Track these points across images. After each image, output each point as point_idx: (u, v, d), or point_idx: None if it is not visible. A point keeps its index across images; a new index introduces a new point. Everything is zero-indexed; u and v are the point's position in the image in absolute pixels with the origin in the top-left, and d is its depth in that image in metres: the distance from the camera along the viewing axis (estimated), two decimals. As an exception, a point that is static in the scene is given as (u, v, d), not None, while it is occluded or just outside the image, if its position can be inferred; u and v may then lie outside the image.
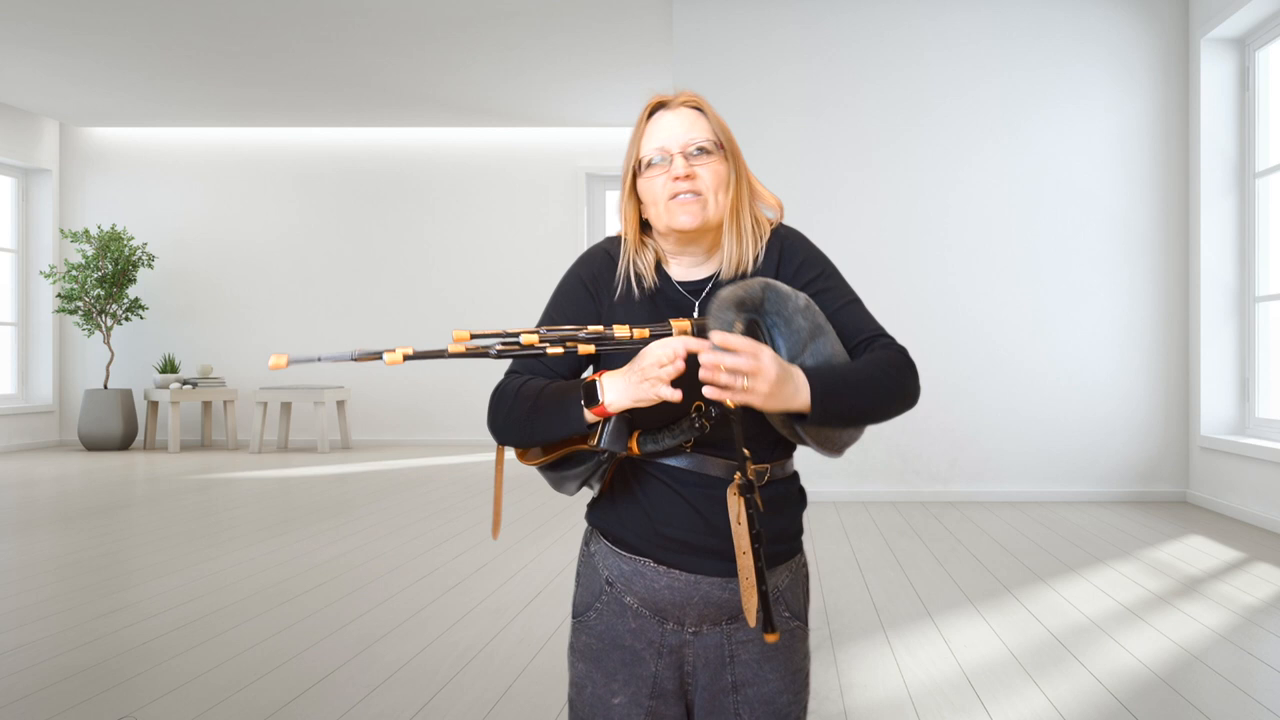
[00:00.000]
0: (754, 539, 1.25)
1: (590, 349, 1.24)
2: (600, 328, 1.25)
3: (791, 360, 1.29)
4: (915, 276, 6.08)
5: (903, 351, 1.38)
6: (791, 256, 1.42)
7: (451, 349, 1.20)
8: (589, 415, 1.26)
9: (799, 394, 1.24)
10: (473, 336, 1.21)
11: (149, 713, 2.54)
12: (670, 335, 1.26)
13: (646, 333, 1.26)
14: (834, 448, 1.35)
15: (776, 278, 1.40)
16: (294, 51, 7.41)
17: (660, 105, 1.41)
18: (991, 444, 6.04)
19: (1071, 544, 4.67)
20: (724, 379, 1.19)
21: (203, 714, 2.53)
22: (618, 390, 1.25)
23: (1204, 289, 5.77)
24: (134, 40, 7.17)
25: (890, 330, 1.52)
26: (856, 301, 1.42)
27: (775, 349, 1.29)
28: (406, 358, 1.18)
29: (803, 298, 1.32)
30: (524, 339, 1.22)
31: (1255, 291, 5.61)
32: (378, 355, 1.18)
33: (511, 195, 9.79)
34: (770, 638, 1.24)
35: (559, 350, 1.23)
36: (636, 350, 1.26)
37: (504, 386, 1.36)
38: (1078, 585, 3.87)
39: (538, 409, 1.31)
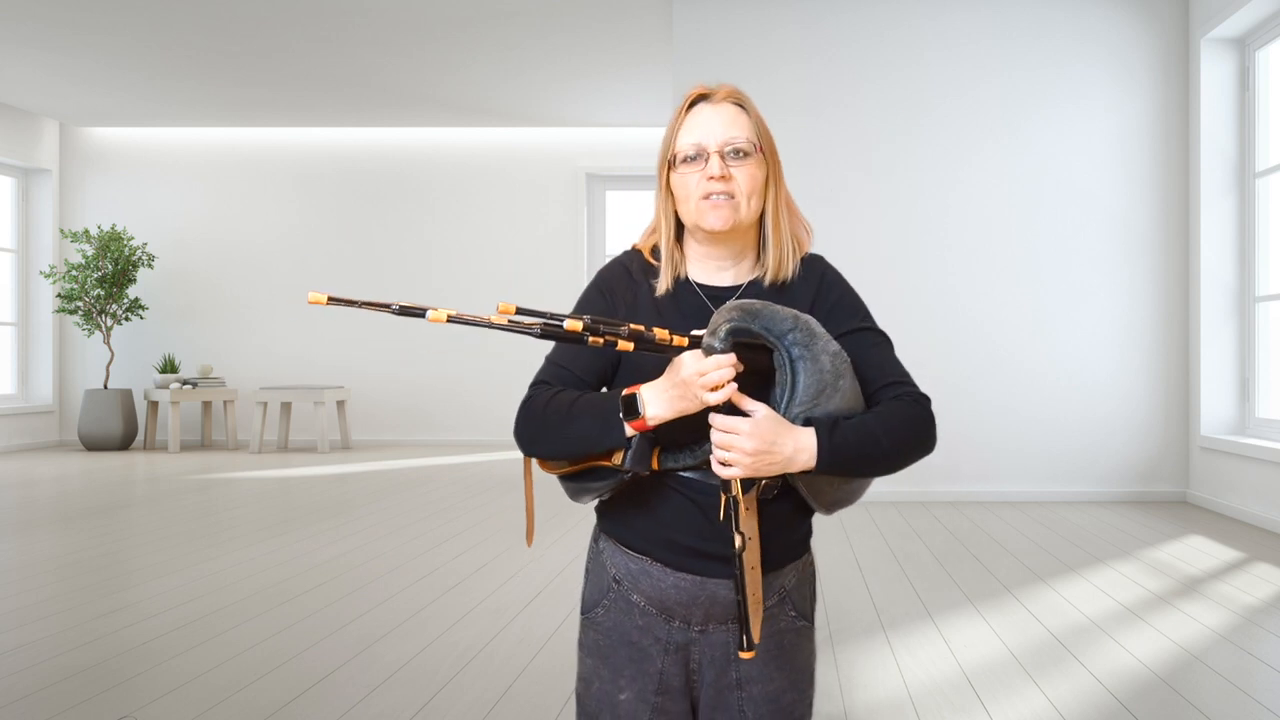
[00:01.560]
0: (739, 552, 1.26)
1: (629, 346, 1.21)
2: (641, 327, 1.23)
3: (809, 401, 1.26)
4: (915, 276, 6.07)
5: (921, 402, 1.35)
6: (828, 292, 1.41)
7: (495, 320, 1.17)
8: (628, 429, 1.26)
9: (800, 454, 1.24)
10: (518, 311, 1.17)
11: (149, 713, 2.54)
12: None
13: (685, 340, 1.24)
14: (824, 503, 1.33)
15: (812, 307, 1.38)
16: (294, 51, 7.41)
17: (701, 97, 1.38)
18: (991, 444, 6.04)
19: (1071, 544, 4.67)
20: (717, 450, 1.24)
21: (203, 714, 2.53)
22: (659, 404, 1.24)
23: (1204, 289, 5.77)
24: (134, 40, 7.17)
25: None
26: (888, 344, 1.41)
27: (794, 384, 1.26)
28: (450, 319, 1.14)
29: (835, 344, 1.29)
30: (567, 324, 1.19)
31: (1255, 291, 5.61)
32: (421, 313, 1.14)
33: (511, 195, 9.79)
34: (745, 655, 1.25)
35: (599, 341, 1.20)
36: (672, 354, 1.25)
37: (532, 397, 1.35)
38: (1078, 585, 3.86)
39: (571, 420, 1.29)
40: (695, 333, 1.26)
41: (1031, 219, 6.07)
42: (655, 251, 1.43)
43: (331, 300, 1.13)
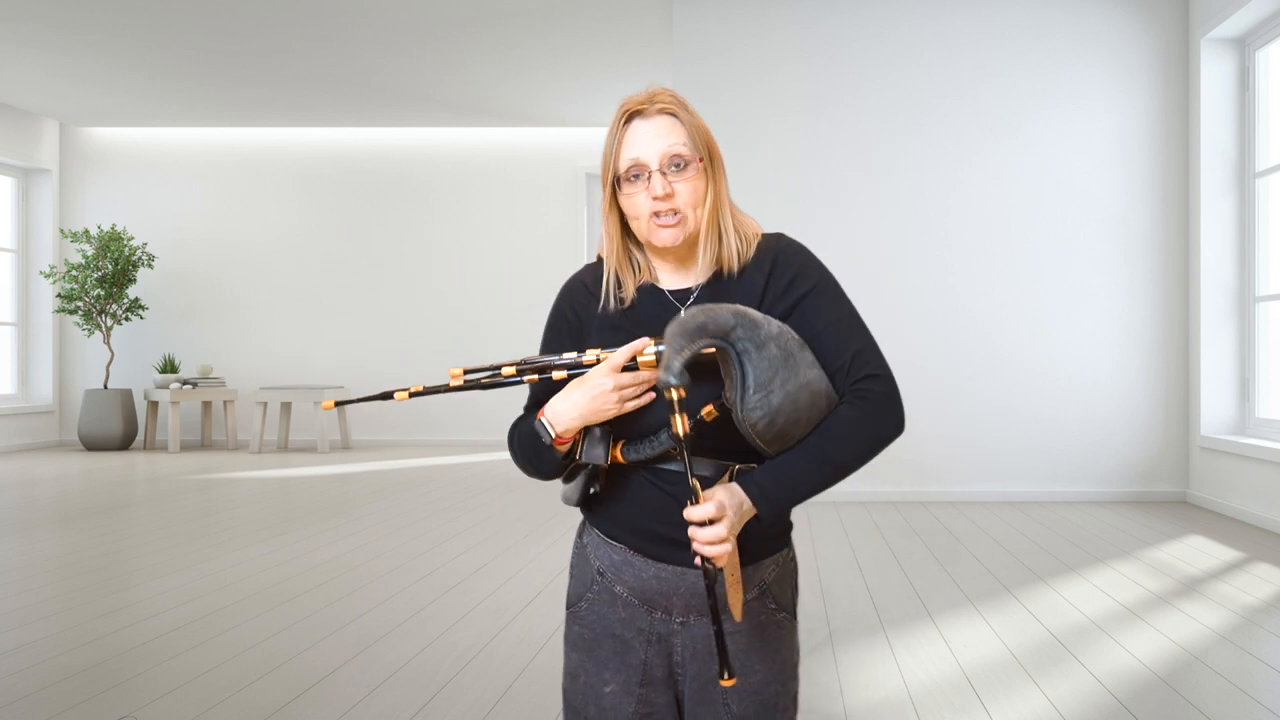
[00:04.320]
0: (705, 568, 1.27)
1: (563, 375, 1.35)
2: (575, 355, 1.35)
3: (759, 390, 1.25)
4: (915, 276, 6.07)
5: (879, 383, 1.32)
6: (785, 269, 1.38)
7: (451, 384, 1.38)
8: (557, 447, 1.34)
9: (745, 513, 1.29)
10: (465, 372, 1.37)
11: (149, 713, 2.54)
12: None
13: (605, 357, 1.33)
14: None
15: (766, 288, 1.37)
16: (294, 51, 7.41)
17: (635, 113, 1.38)
18: (991, 444, 6.04)
19: (1071, 544, 4.67)
20: (708, 550, 1.24)
21: (203, 714, 2.53)
22: (566, 418, 1.32)
23: (1204, 289, 5.77)
24: (134, 40, 7.17)
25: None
26: (843, 319, 1.35)
27: (744, 377, 1.26)
28: (412, 394, 1.38)
29: (775, 325, 1.28)
30: (504, 371, 1.37)
31: (1255, 291, 5.61)
32: (389, 395, 1.38)
33: (511, 195, 9.79)
34: (726, 683, 1.25)
35: (535, 378, 1.36)
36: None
37: (511, 427, 1.45)
38: (1078, 585, 3.86)
39: (524, 448, 1.40)
40: (601, 354, 1.33)
41: (1031, 219, 6.07)
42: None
43: (338, 403, 1.48)
